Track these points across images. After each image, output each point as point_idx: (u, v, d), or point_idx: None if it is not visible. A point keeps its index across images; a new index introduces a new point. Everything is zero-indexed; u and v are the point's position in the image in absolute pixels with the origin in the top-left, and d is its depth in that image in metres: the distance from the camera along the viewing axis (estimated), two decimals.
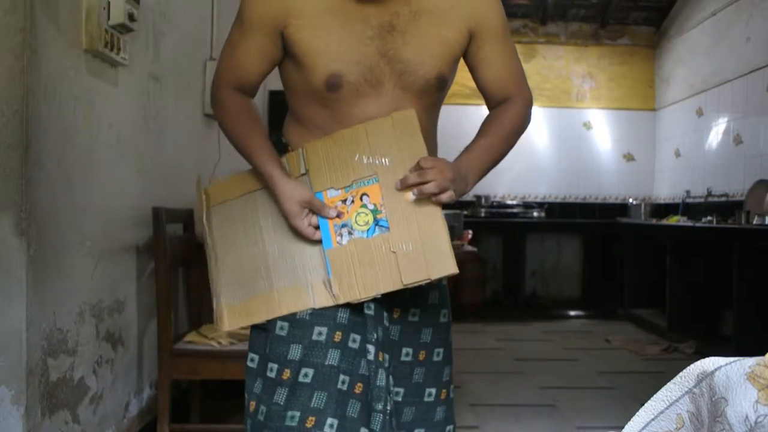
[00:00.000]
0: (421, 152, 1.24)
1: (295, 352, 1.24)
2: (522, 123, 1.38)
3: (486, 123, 1.37)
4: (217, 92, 1.34)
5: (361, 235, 1.24)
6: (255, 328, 1.33)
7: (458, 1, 1.29)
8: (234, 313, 1.31)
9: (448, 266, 1.19)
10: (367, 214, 1.24)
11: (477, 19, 1.31)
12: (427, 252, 1.19)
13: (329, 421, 1.22)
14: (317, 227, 1.25)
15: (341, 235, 1.24)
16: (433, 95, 1.32)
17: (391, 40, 1.24)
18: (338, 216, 1.25)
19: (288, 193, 1.24)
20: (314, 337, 1.24)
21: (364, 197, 1.25)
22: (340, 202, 1.25)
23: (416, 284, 1.20)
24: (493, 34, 1.33)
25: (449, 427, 1.39)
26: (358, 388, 1.26)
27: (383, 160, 1.24)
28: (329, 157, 1.27)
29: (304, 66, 1.25)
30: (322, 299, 1.24)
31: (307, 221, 1.24)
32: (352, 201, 1.25)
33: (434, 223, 1.21)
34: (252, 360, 1.32)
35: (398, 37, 1.25)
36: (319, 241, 1.25)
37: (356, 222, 1.24)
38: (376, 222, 1.24)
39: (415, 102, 1.29)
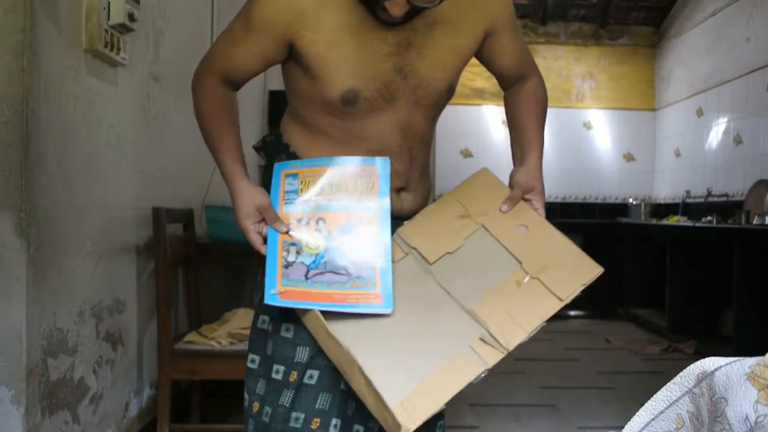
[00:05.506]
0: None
1: (302, 354, 1.24)
2: (546, 95, 1.46)
3: (522, 105, 1.42)
4: (203, 77, 1.31)
5: (309, 258, 1.21)
6: (255, 328, 1.33)
7: (472, 5, 1.29)
8: (409, 409, 1.08)
9: (595, 268, 1.26)
10: (319, 239, 1.23)
11: (493, 18, 1.32)
12: (567, 263, 1.25)
13: (333, 421, 1.23)
14: (265, 240, 1.24)
15: (288, 251, 1.22)
16: (441, 107, 1.35)
17: (407, 56, 1.24)
18: (288, 233, 1.23)
19: (246, 194, 1.24)
20: None
21: (320, 222, 1.23)
22: (295, 221, 1.24)
23: (572, 297, 1.22)
24: (506, 25, 1.36)
25: (440, 422, 1.40)
26: None
27: (483, 215, 1.29)
28: (429, 230, 1.29)
29: (317, 78, 1.23)
30: (491, 356, 1.14)
31: (256, 228, 1.24)
32: (307, 223, 1.23)
33: (558, 235, 1.29)
34: (253, 361, 1.32)
35: (414, 53, 1.24)
36: (263, 256, 1.23)
37: (307, 244, 1.23)
38: (328, 249, 1.22)
39: (426, 114, 1.31)
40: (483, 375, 1.12)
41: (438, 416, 1.40)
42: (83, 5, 1.84)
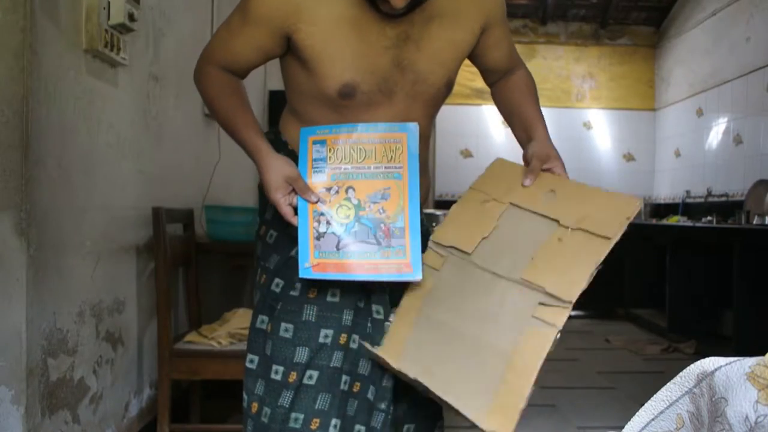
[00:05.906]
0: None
1: (302, 354, 1.24)
2: (534, 83, 1.48)
3: (516, 91, 1.43)
4: (205, 66, 1.31)
5: (340, 228, 1.20)
6: (254, 328, 1.33)
7: (470, 0, 1.29)
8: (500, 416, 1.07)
9: (634, 200, 1.20)
10: (349, 208, 1.21)
11: (488, 13, 1.32)
12: (603, 206, 1.21)
13: (333, 422, 1.23)
14: (296, 212, 1.22)
15: (319, 222, 1.21)
16: (439, 103, 1.35)
17: (406, 50, 1.23)
18: (318, 202, 1.21)
19: (274, 166, 1.22)
20: (321, 340, 1.24)
21: (349, 190, 1.22)
22: (324, 190, 1.22)
23: (619, 234, 1.17)
24: (499, 20, 1.36)
25: (439, 422, 1.40)
26: (356, 387, 1.26)
27: (508, 193, 1.29)
28: (459, 225, 1.28)
29: (315, 72, 1.23)
30: (557, 317, 1.12)
31: (287, 200, 1.22)
32: (337, 192, 1.22)
33: (586, 187, 1.26)
34: (251, 361, 1.31)
35: (412, 46, 1.24)
36: (295, 229, 1.22)
37: (337, 213, 1.21)
38: (358, 218, 1.21)
39: (424, 111, 1.31)
40: (558, 338, 1.10)
41: (437, 416, 1.40)
42: (83, 5, 1.84)
